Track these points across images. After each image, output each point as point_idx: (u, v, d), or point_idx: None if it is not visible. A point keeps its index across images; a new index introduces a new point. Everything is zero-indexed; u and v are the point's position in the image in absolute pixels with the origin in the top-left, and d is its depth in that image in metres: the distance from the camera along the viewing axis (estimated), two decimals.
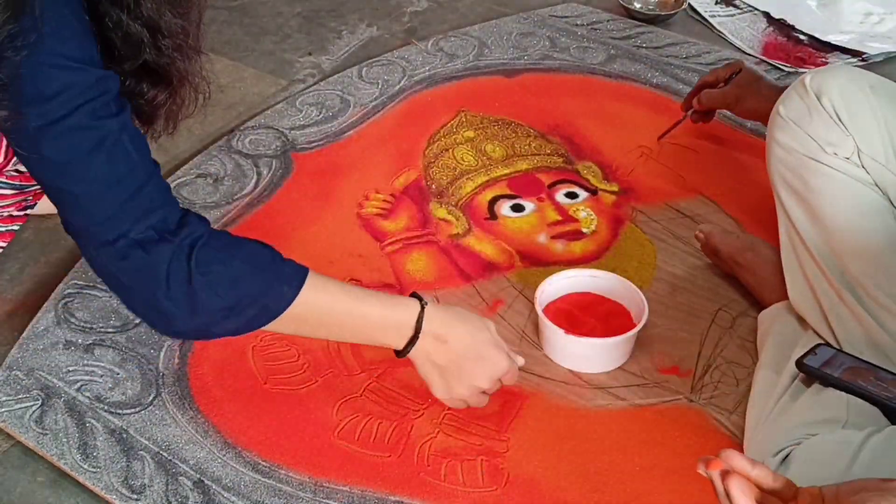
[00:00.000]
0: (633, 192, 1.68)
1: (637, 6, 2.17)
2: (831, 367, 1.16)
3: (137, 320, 1.41)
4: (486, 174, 1.71)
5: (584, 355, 1.36)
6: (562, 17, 2.15)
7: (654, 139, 1.78)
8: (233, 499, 1.20)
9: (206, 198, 1.64)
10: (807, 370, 1.18)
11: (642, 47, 2.05)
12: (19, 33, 0.93)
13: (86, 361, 1.36)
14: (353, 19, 2.19)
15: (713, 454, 0.78)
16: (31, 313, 1.43)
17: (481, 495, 1.21)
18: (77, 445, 1.25)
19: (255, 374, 1.35)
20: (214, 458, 1.24)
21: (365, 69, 1.97)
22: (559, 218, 1.63)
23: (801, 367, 1.18)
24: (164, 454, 1.25)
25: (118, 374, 1.35)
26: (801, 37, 2.10)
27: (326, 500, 1.20)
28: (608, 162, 1.74)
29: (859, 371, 1.15)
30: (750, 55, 2.04)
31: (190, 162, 1.73)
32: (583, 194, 1.67)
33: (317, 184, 1.69)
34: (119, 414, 1.29)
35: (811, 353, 1.19)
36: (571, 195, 1.67)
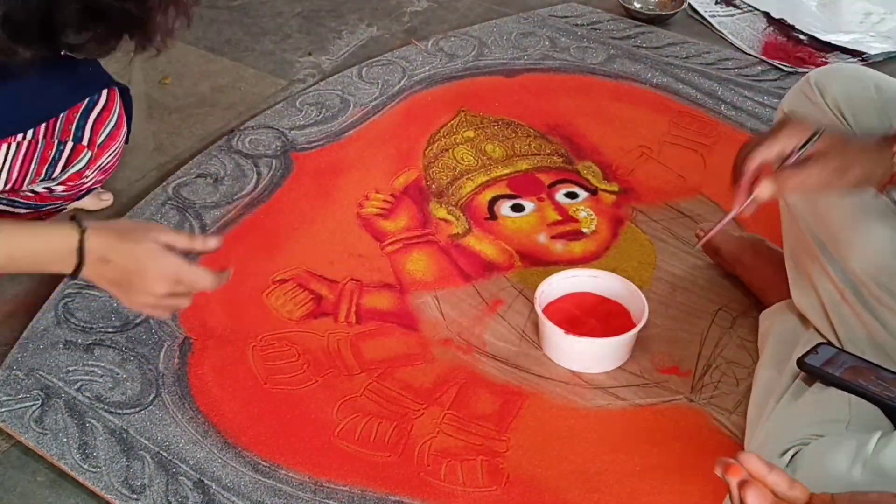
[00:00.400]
0: (633, 192, 1.68)
1: (637, 6, 2.17)
2: (832, 367, 1.16)
3: (138, 320, 1.41)
4: (486, 174, 1.71)
5: (583, 355, 1.36)
6: (562, 17, 2.15)
7: (654, 139, 1.78)
8: (233, 499, 1.20)
9: (206, 198, 1.64)
10: (808, 369, 1.17)
11: (642, 47, 2.05)
12: None
13: (86, 361, 1.36)
14: (353, 19, 2.18)
15: (713, 454, 0.78)
16: (31, 313, 1.43)
17: (481, 495, 1.21)
18: (77, 445, 1.25)
19: (255, 374, 1.35)
20: (214, 458, 1.24)
21: (365, 69, 1.97)
22: (559, 218, 1.62)
23: (802, 365, 1.18)
24: (164, 454, 1.25)
25: (118, 374, 1.35)
26: (801, 37, 2.10)
27: (326, 500, 1.20)
28: (608, 162, 1.74)
29: (861, 370, 1.15)
30: (750, 55, 2.04)
31: (190, 162, 1.73)
32: (583, 194, 1.67)
33: (317, 184, 1.69)
34: (119, 414, 1.29)
35: (812, 352, 1.19)
36: (571, 195, 1.67)
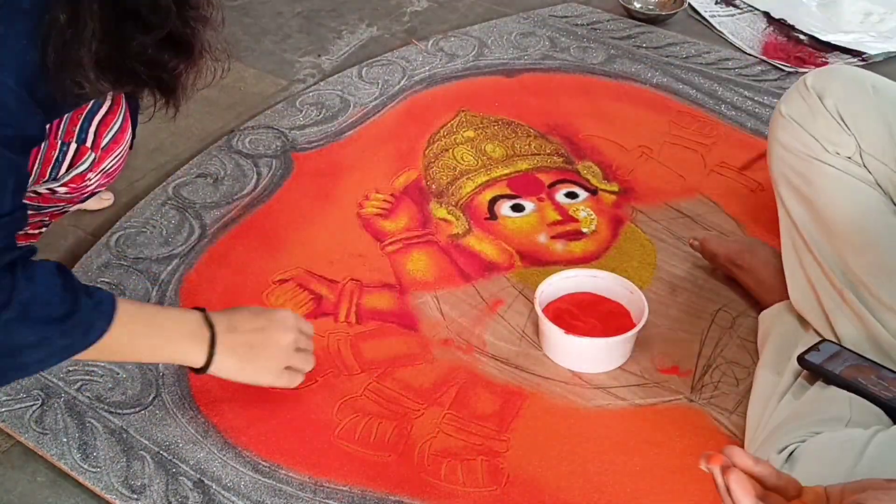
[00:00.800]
0: (633, 192, 1.68)
1: (637, 6, 2.17)
2: (833, 364, 1.16)
3: None
4: (486, 174, 1.71)
5: (583, 355, 1.36)
6: (562, 17, 2.15)
7: (654, 139, 1.78)
8: (233, 499, 1.20)
9: (206, 198, 1.64)
10: (808, 366, 1.18)
11: (642, 47, 2.05)
12: None
13: (86, 361, 1.35)
14: (353, 19, 2.18)
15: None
16: None
17: (481, 495, 1.21)
18: (77, 445, 1.25)
19: None
20: (214, 458, 1.24)
21: (365, 69, 1.97)
22: (559, 218, 1.62)
23: (803, 362, 1.18)
24: (164, 454, 1.24)
25: (118, 374, 1.34)
26: (801, 37, 2.10)
27: (326, 500, 1.20)
28: (608, 162, 1.74)
29: (861, 369, 1.15)
30: (750, 55, 2.04)
31: (190, 162, 1.73)
32: (583, 194, 1.67)
33: (317, 184, 1.69)
34: (119, 414, 1.29)
35: (814, 349, 1.19)
36: (571, 195, 1.67)
